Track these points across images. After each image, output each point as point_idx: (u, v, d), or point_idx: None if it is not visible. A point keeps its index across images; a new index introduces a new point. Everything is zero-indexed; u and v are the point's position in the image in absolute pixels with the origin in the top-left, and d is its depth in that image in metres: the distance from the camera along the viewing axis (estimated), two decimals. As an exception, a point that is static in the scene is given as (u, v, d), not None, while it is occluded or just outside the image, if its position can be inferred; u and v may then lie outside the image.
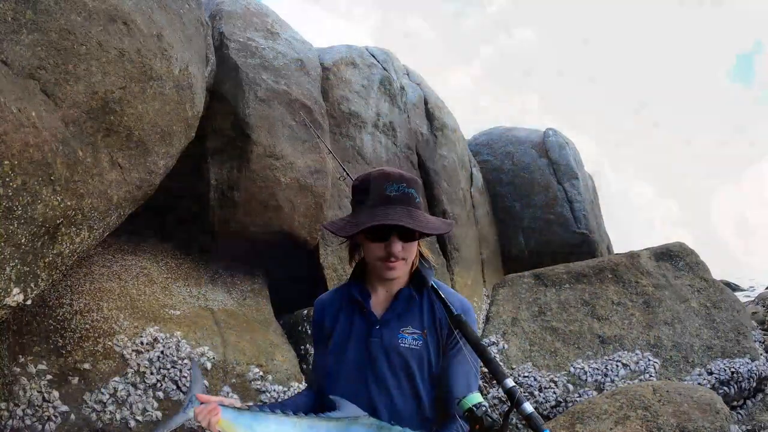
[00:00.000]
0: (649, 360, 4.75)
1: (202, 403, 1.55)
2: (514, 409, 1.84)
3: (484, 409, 1.83)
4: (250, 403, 1.60)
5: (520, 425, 4.04)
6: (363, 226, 1.53)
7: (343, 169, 3.40)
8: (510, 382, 1.83)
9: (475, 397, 1.87)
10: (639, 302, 5.14)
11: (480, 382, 4.45)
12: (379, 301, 1.66)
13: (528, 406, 1.86)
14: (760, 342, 5.14)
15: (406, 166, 6.43)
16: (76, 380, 3.17)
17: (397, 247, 1.54)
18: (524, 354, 4.70)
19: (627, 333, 4.90)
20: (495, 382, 2.05)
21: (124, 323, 3.48)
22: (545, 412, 4.31)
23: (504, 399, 4.23)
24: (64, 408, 3.07)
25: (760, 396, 4.82)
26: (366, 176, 1.64)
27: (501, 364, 3.45)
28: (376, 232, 1.56)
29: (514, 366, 4.59)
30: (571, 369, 4.49)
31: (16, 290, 2.34)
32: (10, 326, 3.17)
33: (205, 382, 1.66)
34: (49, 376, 3.12)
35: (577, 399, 4.34)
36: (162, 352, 3.43)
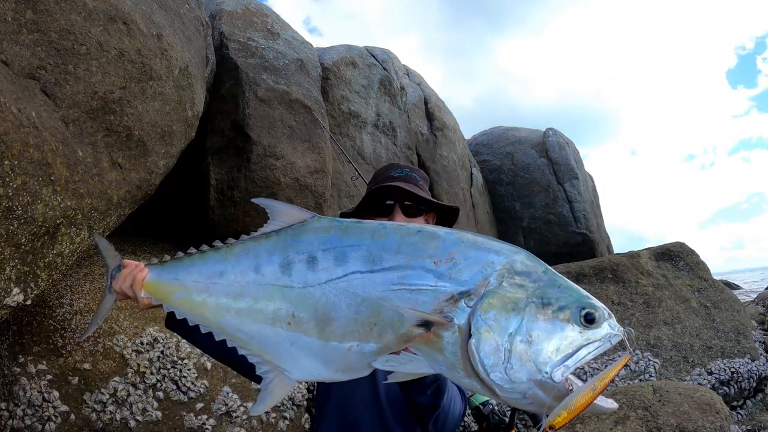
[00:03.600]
0: (649, 360, 4.75)
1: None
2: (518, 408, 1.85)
3: (490, 407, 1.84)
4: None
5: (520, 425, 4.04)
6: (365, 199, 1.62)
7: (355, 169, 3.41)
8: None
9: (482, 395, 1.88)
10: (639, 302, 5.14)
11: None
12: None
13: None
14: (760, 342, 5.14)
15: (406, 166, 6.44)
16: (76, 380, 3.16)
17: (399, 218, 1.57)
18: (524, 354, 4.71)
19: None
20: None
21: (124, 323, 3.48)
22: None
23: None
24: (64, 408, 3.07)
25: (760, 396, 4.82)
26: (377, 169, 1.76)
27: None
28: (379, 206, 1.61)
29: (514, 366, 4.60)
30: (571, 369, 4.49)
31: (16, 290, 2.34)
32: (10, 326, 3.17)
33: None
34: (49, 376, 3.12)
35: (577, 399, 4.34)
36: (162, 352, 3.43)
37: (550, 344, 1.01)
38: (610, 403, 1.04)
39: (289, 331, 1.13)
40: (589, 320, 1.03)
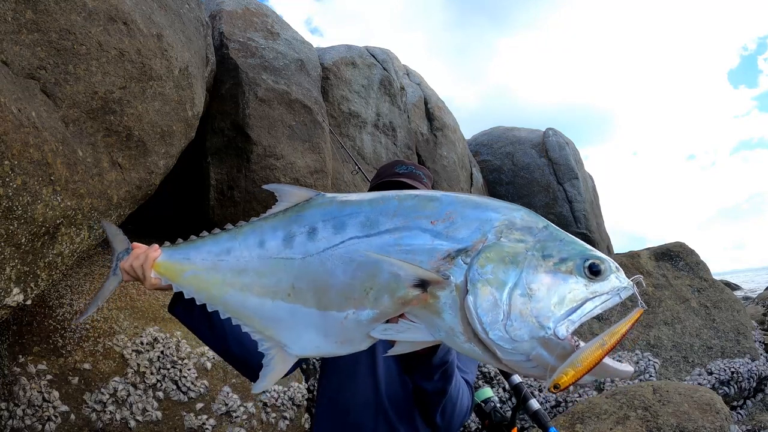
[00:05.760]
0: (649, 360, 4.75)
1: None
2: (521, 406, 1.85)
3: (492, 404, 1.84)
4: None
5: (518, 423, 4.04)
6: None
7: (355, 162, 3.41)
8: (517, 378, 1.84)
9: (485, 392, 1.87)
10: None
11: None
12: None
13: (534, 403, 1.86)
14: (760, 342, 5.14)
15: (406, 166, 6.44)
16: (76, 380, 3.16)
17: None
18: (524, 354, 4.71)
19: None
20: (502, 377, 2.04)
21: (124, 323, 3.47)
22: (545, 412, 4.30)
23: (505, 399, 4.22)
24: (64, 408, 3.07)
25: (760, 396, 4.82)
26: (381, 167, 1.74)
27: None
28: None
29: (514, 366, 4.60)
30: (571, 369, 4.48)
31: (16, 290, 2.34)
32: (10, 326, 3.17)
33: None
34: (49, 376, 3.12)
35: (577, 399, 4.34)
36: (162, 352, 3.43)
37: (552, 297, 0.95)
38: (624, 366, 0.97)
39: (289, 302, 1.13)
40: (594, 272, 0.97)
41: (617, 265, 1.00)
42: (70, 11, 2.54)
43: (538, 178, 8.71)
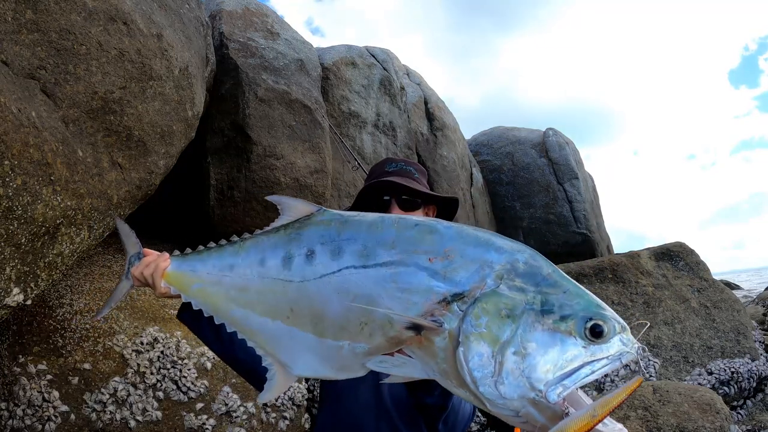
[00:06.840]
0: (649, 360, 4.75)
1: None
2: None
3: None
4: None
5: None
6: (360, 197, 1.63)
7: (355, 159, 3.41)
8: None
9: None
10: (639, 302, 5.14)
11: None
12: None
13: None
14: (760, 342, 5.14)
15: (406, 166, 6.44)
16: (76, 380, 3.16)
17: (397, 213, 1.56)
18: (524, 354, 4.71)
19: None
20: None
21: (124, 323, 3.47)
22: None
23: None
24: (64, 408, 3.07)
25: (760, 396, 4.82)
26: (373, 165, 1.77)
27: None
28: (375, 203, 1.60)
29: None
30: (571, 369, 4.49)
31: (16, 290, 2.34)
32: (10, 326, 3.17)
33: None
34: (49, 376, 3.12)
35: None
36: (162, 352, 3.43)
37: (547, 359, 0.90)
38: (618, 430, 0.93)
39: (288, 325, 1.13)
40: (596, 333, 0.92)
41: (624, 324, 0.96)
42: (70, 11, 2.54)
43: (538, 178, 8.71)
